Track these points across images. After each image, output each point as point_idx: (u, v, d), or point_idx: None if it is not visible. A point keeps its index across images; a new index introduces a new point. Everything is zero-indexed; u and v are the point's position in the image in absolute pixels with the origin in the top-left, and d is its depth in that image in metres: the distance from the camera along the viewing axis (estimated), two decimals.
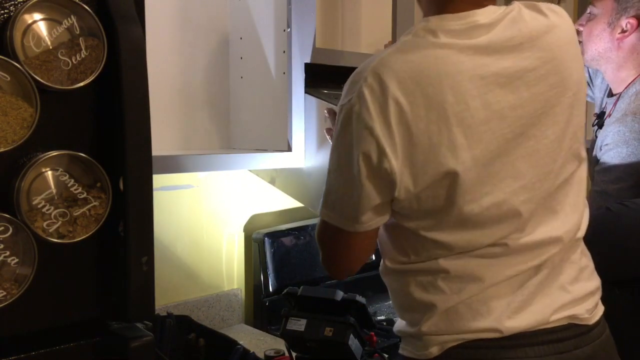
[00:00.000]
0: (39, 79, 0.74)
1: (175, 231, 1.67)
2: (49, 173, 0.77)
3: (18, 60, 0.73)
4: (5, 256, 0.74)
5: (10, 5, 0.74)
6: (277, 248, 1.76)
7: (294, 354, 1.35)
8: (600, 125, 1.67)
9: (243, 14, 1.55)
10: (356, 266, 1.07)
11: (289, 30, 1.43)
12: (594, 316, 1.03)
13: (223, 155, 1.42)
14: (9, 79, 0.73)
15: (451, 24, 0.95)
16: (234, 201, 1.78)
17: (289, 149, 1.46)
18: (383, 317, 1.83)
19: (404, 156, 0.91)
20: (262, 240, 1.74)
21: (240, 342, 1.34)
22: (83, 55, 0.78)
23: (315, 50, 1.46)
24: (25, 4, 0.74)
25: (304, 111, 1.47)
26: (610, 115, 1.63)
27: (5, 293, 0.75)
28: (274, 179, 1.65)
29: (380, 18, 1.81)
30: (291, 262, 1.80)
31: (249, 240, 1.80)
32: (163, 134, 1.50)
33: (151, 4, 0.97)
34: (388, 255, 1.06)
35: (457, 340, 0.98)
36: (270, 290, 1.75)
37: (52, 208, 0.77)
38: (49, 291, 0.79)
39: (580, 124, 1.02)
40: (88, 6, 0.77)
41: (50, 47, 0.76)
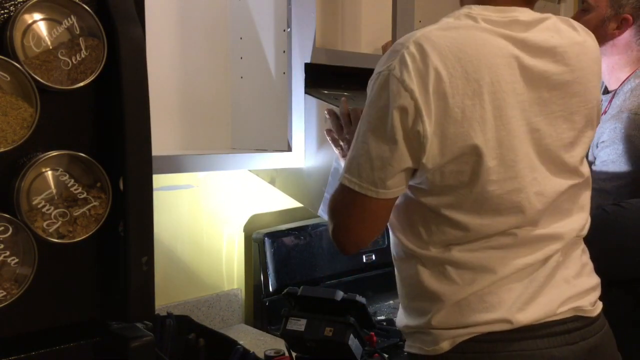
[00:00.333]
0: (39, 79, 0.74)
1: (175, 231, 1.67)
2: (49, 173, 0.77)
3: (18, 60, 0.73)
4: (5, 256, 0.74)
5: (10, 5, 0.74)
6: (277, 248, 1.76)
7: (294, 354, 1.35)
8: None
9: (243, 14, 1.55)
10: (367, 238, 1.06)
11: (289, 30, 1.43)
12: (596, 309, 1.06)
13: (223, 155, 1.42)
14: (9, 79, 0.73)
15: (492, 15, 0.99)
16: (233, 201, 1.78)
17: (289, 149, 1.47)
18: (383, 317, 1.83)
19: (436, 125, 0.94)
20: (262, 240, 1.74)
21: (240, 342, 1.33)
22: (83, 55, 0.78)
23: (315, 50, 1.46)
24: (25, 4, 0.74)
25: (304, 111, 1.47)
26: (605, 113, 1.62)
27: (5, 293, 0.75)
28: (274, 179, 1.65)
29: (380, 18, 1.81)
30: (291, 262, 1.80)
31: (249, 240, 1.80)
32: (163, 134, 1.50)
33: (151, 4, 0.97)
34: (400, 237, 1.06)
35: (469, 334, 0.99)
36: (270, 290, 1.74)
37: (52, 208, 0.77)
38: (49, 291, 0.79)
39: (591, 138, 1.07)
40: (88, 6, 0.77)
41: (50, 47, 0.76)
